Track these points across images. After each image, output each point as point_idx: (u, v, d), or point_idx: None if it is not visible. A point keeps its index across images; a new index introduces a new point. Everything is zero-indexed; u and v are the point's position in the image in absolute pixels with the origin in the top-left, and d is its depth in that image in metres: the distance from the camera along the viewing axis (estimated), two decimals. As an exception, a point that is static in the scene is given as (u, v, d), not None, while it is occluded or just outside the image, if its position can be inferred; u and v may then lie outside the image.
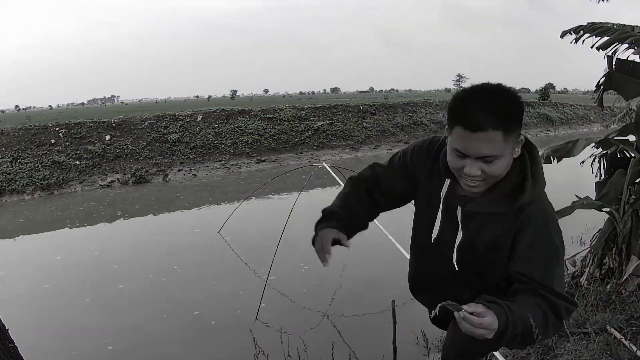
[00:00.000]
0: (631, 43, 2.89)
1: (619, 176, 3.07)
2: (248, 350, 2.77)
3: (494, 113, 0.97)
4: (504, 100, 0.99)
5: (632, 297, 2.91)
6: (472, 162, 1.02)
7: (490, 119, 0.96)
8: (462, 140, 1.00)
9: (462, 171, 1.05)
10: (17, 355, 1.60)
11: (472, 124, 0.97)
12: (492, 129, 0.97)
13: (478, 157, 1.01)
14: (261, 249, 5.17)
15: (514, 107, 1.00)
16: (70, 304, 4.20)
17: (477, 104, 0.98)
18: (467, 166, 1.03)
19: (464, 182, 1.07)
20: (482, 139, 0.98)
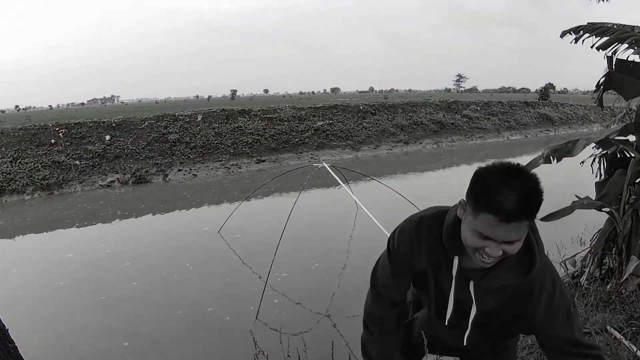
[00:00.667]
0: (631, 43, 2.89)
1: (619, 176, 3.07)
2: (248, 350, 2.77)
3: (529, 205, 1.00)
4: (534, 189, 1.02)
5: (632, 297, 2.91)
6: (496, 244, 1.04)
7: (525, 211, 0.99)
8: (492, 228, 1.02)
9: (481, 250, 1.07)
10: (17, 355, 1.60)
11: (506, 216, 0.99)
12: (524, 219, 1.00)
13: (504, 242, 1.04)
14: (261, 249, 5.17)
15: (541, 195, 1.03)
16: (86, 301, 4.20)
17: (511, 196, 0.99)
18: (489, 247, 1.04)
19: (480, 258, 1.09)
20: (513, 227, 1.00)
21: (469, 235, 1.07)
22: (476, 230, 1.04)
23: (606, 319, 2.58)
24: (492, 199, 1.00)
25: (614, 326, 2.51)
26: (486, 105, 20.34)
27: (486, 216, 1.01)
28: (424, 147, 16.03)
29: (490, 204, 1.00)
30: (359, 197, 5.07)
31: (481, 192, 1.03)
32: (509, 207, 0.98)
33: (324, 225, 6.60)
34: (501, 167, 1.05)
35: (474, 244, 1.06)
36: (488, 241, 1.04)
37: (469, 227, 1.06)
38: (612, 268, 3.26)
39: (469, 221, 1.06)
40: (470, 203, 1.06)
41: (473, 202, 1.05)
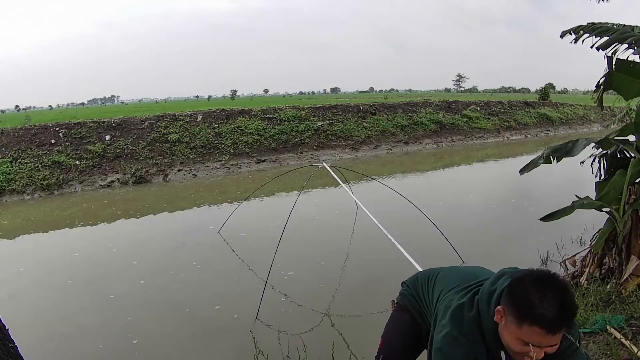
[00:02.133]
0: (631, 43, 2.89)
1: (619, 176, 3.07)
2: (248, 350, 2.77)
3: (570, 316, 1.11)
4: (571, 297, 1.12)
5: (632, 297, 2.91)
6: (539, 349, 1.13)
7: (567, 322, 1.10)
8: (538, 338, 1.10)
9: (524, 354, 1.15)
10: (17, 355, 1.60)
11: (552, 328, 1.08)
12: (566, 328, 1.12)
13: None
14: (261, 249, 5.17)
15: (575, 301, 1.15)
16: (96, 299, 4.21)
17: (553, 308, 1.08)
18: (534, 351, 1.12)
19: (521, 357, 1.17)
20: (558, 336, 1.11)
21: (513, 343, 1.16)
22: (521, 339, 1.13)
23: (606, 319, 2.58)
24: (535, 312, 1.09)
25: (614, 326, 2.50)
26: (486, 105, 20.33)
27: (531, 329, 1.10)
28: (424, 147, 16.03)
29: (535, 317, 1.09)
30: (359, 197, 5.07)
31: (523, 306, 1.11)
32: (553, 320, 1.08)
33: (324, 225, 6.60)
34: (537, 277, 1.14)
35: (519, 350, 1.15)
36: (530, 347, 1.12)
37: (512, 335, 1.15)
38: (612, 268, 3.26)
39: (513, 330, 1.14)
40: (512, 314, 1.14)
41: (516, 314, 1.13)
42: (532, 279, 1.14)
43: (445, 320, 1.35)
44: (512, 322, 1.14)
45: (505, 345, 1.20)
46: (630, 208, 3.05)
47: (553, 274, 1.15)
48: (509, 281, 1.21)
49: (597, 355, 2.34)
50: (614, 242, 3.25)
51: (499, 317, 1.20)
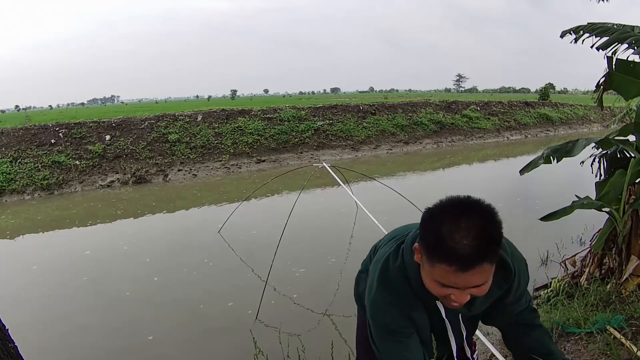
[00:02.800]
0: (631, 43, 2.89)
1: (619, 176, 3.07)
2: (248, 350, 2.78)
3: (486, 248, 0.89)
4: (491, 225, 0.91)
5: (632, 297, 2.91)
6: (460, 291, 0.96)
7: (483, 255, 0.89)
8: (452, 277, 0.92)
9: (447, 296, 0.99)
10: (17, 355, 1.60)
11: (464, 265, 0.89)
12: (485, 262, 0.90)
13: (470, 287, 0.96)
14: (261, 249, 5.17)
15: (499, 229, 0.92)
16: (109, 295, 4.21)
17: (465, 240, 0.88)
18: (454, 295, 0.96)
19: (448, 303, 1.02)
20: (474, 273, 0.90)
21: (431, 285, 0.99)
22: (437, 280, 0.96)
23: (606, 319, 2.58)
24: (444, 247, 0.89)
25: (614, 326, 2.50)
26: (486, 105, 20.33)
27: (442, 266, 0.91)
28: (424, 147, 16.02)
29: (443, 253, 0.89)
30: (359, 197, 5.07)
31: (432, 241, 0.92)
32: (464, 255, 0.87)
33: (324, 225, 6.59)
34: (449, 205, 0.94)
35: (438, 293, 0.98)
36: (451, 289, 0.95)
37: (429, 277, 0.98)
38: (612, 268, 3.26)
39: (428, 270, 0.97)
40: (424, 251, 0.97)
41: (426, 251, 0.95)
42: (443, 208, 0.94)
43: (372, 277, 1.19)
44: (426, 262, 0.96)
45: (428, 289, 1.02)
46: (630, 208, 3.05)
47: (468, 197, 0.95)
48: (423, 212, 1.00)
49: (597, 355, 2.34)
50: (614, 242, 3.25)
51: (418, 255, 1.02)
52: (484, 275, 0.92)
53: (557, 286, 3.41)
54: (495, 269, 1.00)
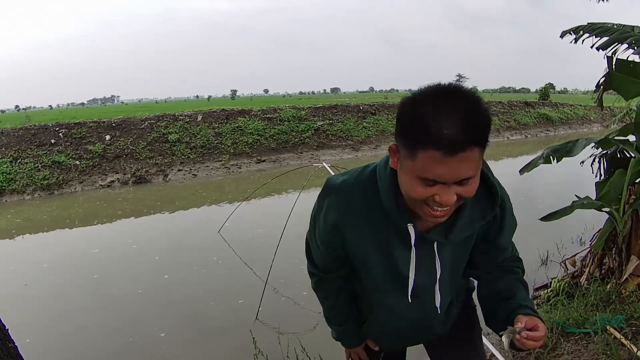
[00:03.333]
0: (631, 43, 2.89)
1: (619, 176, 3.07)
2: (248, 350, 2.77)
3: (476, 127, 0.79)
4: (478, 106, 0.81)
5: (632, 297, 2.91)
6: (447, 188, 0.83)
7: (473, 135, 0.79)
8: (438, 167, 0.79)
9: (430, 199, 0.85)
10: (17, 355, 1.60)
11: (452, 146, 0.77)
12: (473, 145, 0.79)
13: (454, 182, 0.83)
14: (261, 249, 5.17)
15: (488, 113, 0.83)
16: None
17: (452, 119, 0.77)
18: (439, 194, 0.83)
19: (430, 213, 0.88)
20: (462, 160, 0.79)
21: (411, 186, 0.85)
22: (419, 177, 0.83)
23: (606, 319, 2.58)
24: (429, 129, 0.78)
25: (614, 326, 2.50)
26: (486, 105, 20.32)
27: (426, 154, 0.79)
28: (424, 147, 16.02)
29: (428, 136, 0.78)
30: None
31: (414, 125, 0.80)
32: (452, 134, 0.76)
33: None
34: (431, 89, 0.83)
35: (420, 195, 0.85)
36: (436, 187, 0.83)
37: (409, 176, 0.85)
38: (612, 268, 3.26)
39: (408, 167, 0.84)
40: (403, 144, 0.84)
41: (406, 140, 0.82)
42: (425, 92, 0.82)
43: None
44: (406, 157, 0.83)
45: (406, 195, 0.89)
46: (630, 208, 3.05)
47: (450, 84, 0.83)
48: (400, 101, 0.87)
49: (597, 355, 2.34)
50: (614, 242, 3.25)
51: (394, 158, 0.89)
52: (473, 165, 0.82)
53: (557, 286, 3.41)
54: (480, 191, 0.92)
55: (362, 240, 1.03)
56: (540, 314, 1.06)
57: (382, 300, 1.15)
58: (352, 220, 1.02)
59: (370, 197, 0.99)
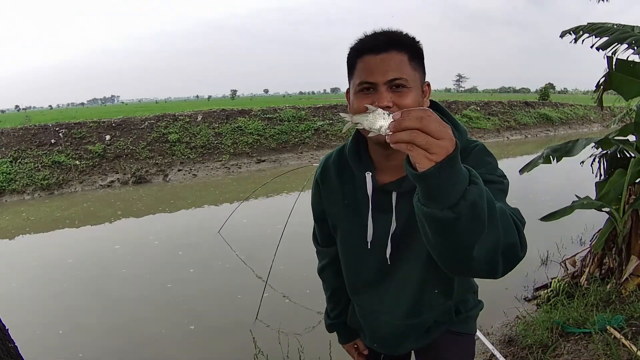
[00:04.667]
0: (631, 43, 2.89)
1: (619, 176, 3.07)
2: (248, 350, 2.77)
3: (397, 36, 0.96)
4: (403, 31, 0.99)
5: (632, 297, 2.92)
6: (382, 93, 0.93)
7: (393, 41, 0.95)
8: (367, 67, 0.95)
9: (372, 110, 0.89)
10: (17, 355, 1.60)
11: (375, 47, 0.94)
12: (396, 50, 0.94)
13: (386, 84, 0.93)
14: (261, 249, 5.17)
15: (414, 37, 0.99)
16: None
17: (377, 32, 0.97)
18: (376, 99, 0.93)
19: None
20: (386, 59, 0.93)
21: (355, 102, 0.97)
22: (358, 89, 0.96)
23: (606, 319, 2.58)
24: (358, 44, 0.98)
25: (614, 326, 2.51)
26: (486, 105, 20.33)
27: (359, 62, 0.96)
28: (424, 147, 16.01)
29: (357, 49, 0.97)
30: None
31: (350, 50, 1.00)
32: (374, 40, 0.95)
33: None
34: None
35: (360, 104, 0.94)
36: (375, 94, 0.93)
37: (353, 90, 0.99)
38: (612, 268, 3.26)
39: (351, 86, 1.00)
40: (348, 73, 1.02)
41: (349, 66, 1.01)
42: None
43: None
44: (350, 80, 1.01)
45: (355, 112, 0.96)
46: (630, 208, 3.05)
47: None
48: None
49: (597, 355, 2.34)
50: (614, 242, 3.25)
51: (348, 102, 1.04)
52: (398, 67, 0.93)
53: (557, 286, 3.41)
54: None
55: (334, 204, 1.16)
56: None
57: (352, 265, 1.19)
58: (328, 177, 1.16)
59: (342, 159, 1.15)
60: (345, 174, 1.13)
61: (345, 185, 1.13)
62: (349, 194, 1.12)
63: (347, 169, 1.13)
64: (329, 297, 1.40)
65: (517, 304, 3.58)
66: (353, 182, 1.11)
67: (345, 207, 1.13)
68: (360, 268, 1.16)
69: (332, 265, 1.31)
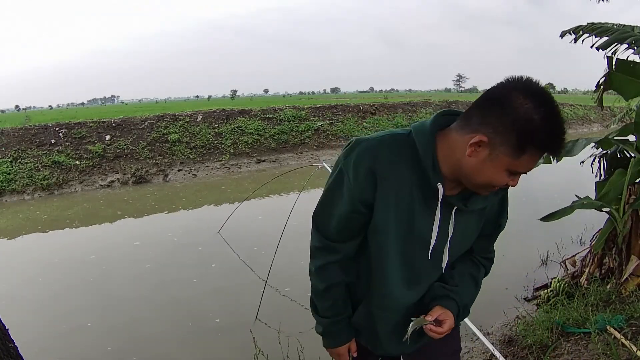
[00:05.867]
0: (631, 43, 2.89)
1: (619, 176, 3.07)
2: (248, 350, 2.77)
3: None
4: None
5: (632, 297, 2.91)
6: (515, 181, 0.99)
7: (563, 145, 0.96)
8: (532, 163, 0.94)
9: (500, 185, 0.99)
10: (17, 355, 1.60)
11: (558, 152, 0.93)
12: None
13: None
14: (261, 249, 5.18)
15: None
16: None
17: (562, 128, 0.93)
18: (511, 181, 0.98)
19: (489, 191, 1.04)
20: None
21: (499, 177, 0.95)
22: (506, 167, 0.93)
23: (606, 319, 2.58)
24: (540, 136, 0.89)
25: (614, 326, 2.51)
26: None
27: (535, 153, 0.91)
28: (424, 147, 16.01)
29: (540, 142, 0.89)
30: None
31: (525, 130, 0.88)
32: (560, 143, 0.91)
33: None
34: (530, 87, 0.92)
35: (502, 182, 0.97)
36: (516, 176, 0.97)
37: (500, 169, 0.94)
38: (612, 268, 3.26)
39: (503, 161, 0.92)
40: (509, 143, 0.90)
41: (515, 142, 0.89)
42: (554, 108, 0.91)
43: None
44: (507, 154, 0.91)
45: (479, 182, 0.98)
46: (630, 208, 3.05)
47: (538, 82, 0.94)
48: (486, 94, 0.96)
49: (597, 355, 2.34)
50: (614, 242, 3.25)
51: (474, 150, 0.94)
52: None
53: (557, 286, 3.41)
54: None
55: (387, 195, 1.05)
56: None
57: (387, 271, 1.13)
58: (384, 168, 1.04)
59: (400, 151, 1.05)
60: (400, 172, 1.05)
61: (402, 186, 1.05)
62: (406, 197, 1.05)
63: (402, 169, 1.04)
64: (326, 293, 1.24)
65: (517, 304, 3.58)
66: (410, 184, 1.05)
67: (397, 208, 1.06)
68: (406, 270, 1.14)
69: (342, 261, 1.19)
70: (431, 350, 1.27)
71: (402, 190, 1.05)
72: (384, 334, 1.22)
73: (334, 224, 1.14)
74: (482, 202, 1.09)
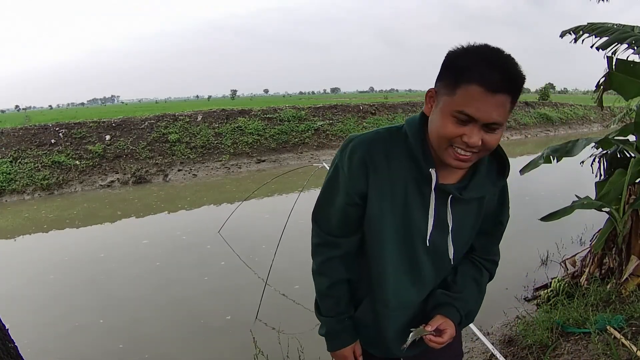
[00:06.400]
0: (631, 43, 2.89)
1: (619, 176, 3.07)
2: (248, 350, 2.78)
3: (515, 76, 0.91)
4: (518, 65, 0.92)
5: (632, 297, 2.91)
6: (476, 129, 0.92)
7: (511, 81, 0.90)
8: (476, 102, 0.89)
9: (458, 140, 0.93)
10: (17, 355, 1.60)
11: (495, 84, 0.87)
12: (508, 93, 0.90)
13: (482, 125, 0.92)
14: (261, 249, 5.18)
15: (523, 73, 0.94)
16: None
17: (501, 64, 0.89)
18: (467, 134, 0.92)
19: (454, 155, 0.95)
20: (497, 103, 0.89)
21: (444, 124, 0.93)
22: (454, 114, 0.91)
23: (606, 319, 2.58)
24: (480, 67, 0.88)
25: (614, 326, 2.51)
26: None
27: (469, 88, 0.88)
28: (424, 147, 16.00)
29: (477, 72, 0.88)
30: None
31: (464, 64, 0.90)
32: (498, 76, 0.87)
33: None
34: (479, 44, 0.93)
35: (451, 132, 0.92)
36: (468, 127, 0.91)
37: (445, 113, 0.93)
38: (612, 268, 3.26)
39: (445, 104, 0.93)
40: (448, 81, 0.92)
41: (453, 77, 0.91)
42: (483, 45, 0.93)
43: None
44: (446, 94, 0.92)
45: (435, 135, 0.96)
46: (630, 208, 3.05)
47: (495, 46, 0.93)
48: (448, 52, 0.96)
49: (597, 355, 2.34)
50: (614, 242, 3.25)
51: (429, 103, 0.98)
52: (503, 112, 0.92)
53: (557, 286, 3.41)
54: (492, 160, 1.09)
55: (381, 186, 1.06)
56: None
57: (385, 263, 1.12)
58: (376, 159, 1.05)
59: (393, 143, 1.06)
60: (394, 163, 1.05)
61: (396, 176, 1.05)
62: (400, 187, 1.05)
63: (396, 159, 1.05)
64: (329, 291, 1.21)
65: (517, 304, 3.58)
66: (404, 174, 1.05)
67: (392, 199, 1.06)
68: (405, 263, 1.12)
69: (344, 257, 1.18)
70: (433, 354, 1.22)
71: (397, 181, 1.05)
72: (387, 333, 1.20)
73: (333, 218, 1.15)
74: (479, 190, 1.07)
